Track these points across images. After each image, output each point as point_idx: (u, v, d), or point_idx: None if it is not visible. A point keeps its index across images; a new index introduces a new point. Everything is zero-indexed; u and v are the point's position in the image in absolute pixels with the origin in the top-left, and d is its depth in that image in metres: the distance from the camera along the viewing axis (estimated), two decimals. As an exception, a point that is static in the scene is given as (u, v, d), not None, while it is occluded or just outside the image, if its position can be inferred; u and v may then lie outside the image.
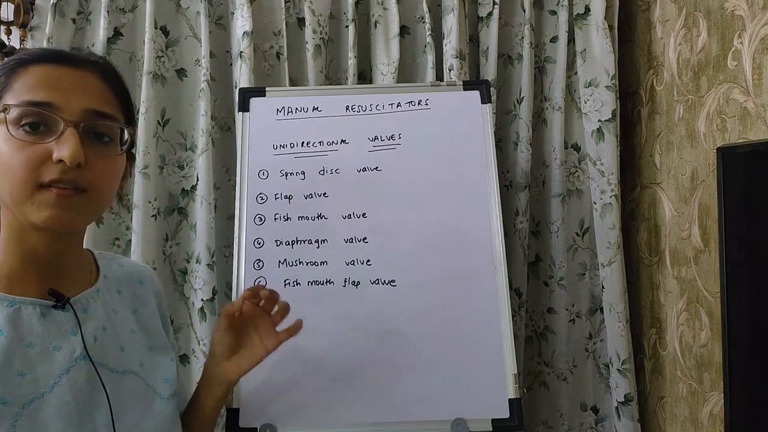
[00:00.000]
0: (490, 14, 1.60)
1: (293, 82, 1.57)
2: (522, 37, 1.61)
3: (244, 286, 1.23)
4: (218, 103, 1.57)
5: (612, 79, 1.55)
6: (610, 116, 1.55)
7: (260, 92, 1.39)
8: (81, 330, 0.71)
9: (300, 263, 1.26)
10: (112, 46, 1.50)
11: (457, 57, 1.53)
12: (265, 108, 1.37)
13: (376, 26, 1.58)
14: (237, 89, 1.48)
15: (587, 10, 1.59)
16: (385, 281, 1.25)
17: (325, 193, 1.30)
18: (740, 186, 0.99)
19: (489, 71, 1.59)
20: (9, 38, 1.55)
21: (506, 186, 1.63)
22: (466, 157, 1.34)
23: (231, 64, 1.57)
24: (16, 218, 0.68)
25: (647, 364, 1.59)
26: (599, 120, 1.57)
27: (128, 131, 0.73)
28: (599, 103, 1.57)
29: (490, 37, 1.60)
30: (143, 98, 1.47)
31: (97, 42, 1.49)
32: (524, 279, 1.61)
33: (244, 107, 1.37)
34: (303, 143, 1.34)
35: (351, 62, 1.55)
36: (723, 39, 1.27)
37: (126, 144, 0.73)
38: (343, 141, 1.35)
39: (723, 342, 1.00)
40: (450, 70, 1.54)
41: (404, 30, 1.61)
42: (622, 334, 1.54)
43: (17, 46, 1.51)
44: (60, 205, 0.66)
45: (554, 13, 1.65)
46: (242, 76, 1.48)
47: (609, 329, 1.57)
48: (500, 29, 1.61)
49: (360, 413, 1.17)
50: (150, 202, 1.47)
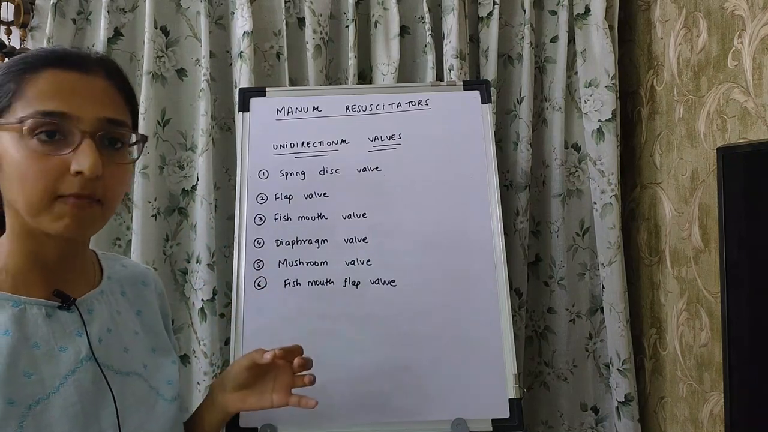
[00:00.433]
0: (491, 14, 1.60)
1: (293, 82, 1.57)
2: (522, 37, 1.61)
3: (245, 286, 1.23)
4: (218, 103, 1.57)
5: (612, 79, 1.55)
6: (611, 116, 1.55)
7: (260, 92, 1.39)
8: (86, 331, 0.71)
9: (300, 263, 1.26)
10: (112, 46, 1.50)
11: (458, 57, 1.53)
12: (265, 108, 1.37)
13: (377, 26, 1.58)
14: (237, 89, 1.48)
15: (587, 10, 1.59)
16: (385, 281, 1.25)
17: (325, 193, 1.30)
18: (740, 186, 0.99)
19: (489, 71, 1.59)
20: (9, 38, 1.55)
21: (506, 186, 1.63)
22: (466, 157, 1.34)
23: (231, 64, 1.57)
24: (25, 222, 0.68)
25: (647, 364, 1.59)
26: (599, 120, 1.57)
27: (137, 136, 0.73)
28: (599, 103, 1.57)
29: (491, 37, 1.60)
30: (143, 98, 1.47)
31: (98, 42, 1.49)
32: (524, 279, 1.61)
33: (244, 107, 1.37)
34: (303, 143, 1.34)
35: (351, 62, 1.55)
36: (723, 39, 1.27)
37: (137, 147, 0.73)
38: (343, 141, 1.35)
39: (723, 342, 1.00)
40: (450, 70, 1.54)
41: (404, 30, 1.61)
42: (623, 334, 1.54)
43: (17, 46, 1.51)
44: (76, 216, 0.66)
45: (554, 13, 1.65)
46: (242, 76, 1.48)
47: (609, 329, 1.57)
48: (500, 29, 1.61)
49: (360, 413, 1.17)
50: (150, 202, 1.47)
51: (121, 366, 0.74)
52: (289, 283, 1.24)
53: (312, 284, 1.24)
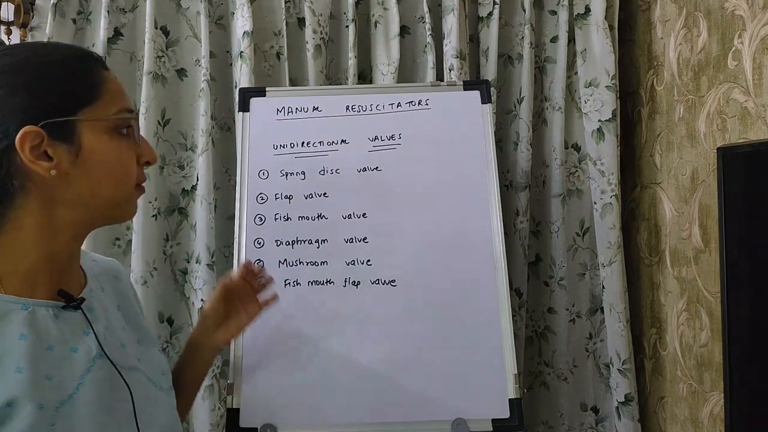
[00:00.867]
0: (491, 14, 1.60)
1: (293, 82, 1.57)
2: (522, 37, 1.61)
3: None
4: (218, 103, 1.57)
5: (612, 79, 1.55)
6: (611, 116, 1.55)
7: (260, 92, 1.39)
8: (93, 329, 0.71)
9: (300, 263, 1.26)
10: (113, 46, 1.50)
11: (458, 57, 1.53)
12: (266, 108, 1.37)
13: (377, 26, 1.58)
14: (237, 89, 1.48)
15: (587, 10, 1.59)
16: (385, 281, 1.25)
17: (325, 193, 1.30)
18: (740, 186, 0.99)
19: (489, 71, 1.59)
20: (9, 38, 1.55)
21: (506, 186, 1.63)
22: (466, 157, 1.34)
23: (231, 64, 1.57)
24: (52, 218, 0.67)
25: (647, 364, 1.59)
26: (599, 120, 1.57)
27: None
28: (599, 103, 1.57)
29: (491, 37, 1.60)
30: (143, 98, 1.47)
31: (98, 42, 1.49)
32: (524, 279, 1.61)
33: (245, 107, 1.37)
34: (303, 143, 1.34)
35: (351, 62, 1.55)
36: (723, 39, 1.27)
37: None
38: (344, 141, 1.35)
39: (723, 342, 1.00)
40: (450, 70, 1.54)
41: (404, 30, 1.61)
42: (623, 334, 1.54)
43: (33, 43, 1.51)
44: (137, 202, 0.77)
45: (554, 13, 1.64)
46: (242, 76, 1.48)
47: (609, 329, 1.57)
48: (500, 29, 1.61)
49: (360, 413, 1.17)
50: (150, 202, 1.47)
51: (124, 361, 0.74)
52: (289, 283, 1.24)
53: (312, 284, 1.25)
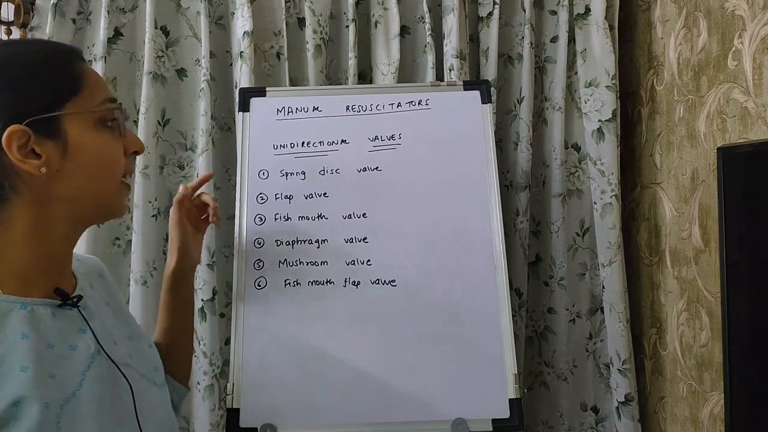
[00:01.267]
0: (491, 14, 1.60)
1: (293, 82, 1.57)
2: (522, 37, 1.61)
3: (245, 286, 1.23)
4: (218, 103, 1.57)
5: (612, 79, 1.55)
6: (611, 116, 1.55)
7: (260, 92, 1.39)
8: (90, 326, 0.71)
9: (300, 263, 1.26)
10: (112, 46, 1.50)
11: (458, 57, 1.53)
12: (266, 108, 1.37)
13: (377, 26, 1.58)
14: (237, 89, 1.48)
15: (587, 10, 1.59)
16: (385, 281, 1.25)
17: (326, 193, 1.30)
18: (740, 186, 0.99)
19: (489, 71, 1.59)
20: (9, 38, 1.55)
21: (506, 186, 1.63)
22: (466, 157, 1.34)
23: (231, 64, 1.57)
24: (45, 217, 0.67)
25: (647, 364, 1.59)
26: (599, 120, 1.57)
27: None
28: (599, 103, 1.57)
29: (491, 37, 1.59)
30: (143, 98, 1.47)
31: (97, 42, 1.49)
32: (524, 279, 1.61)
33: (245, 107, 1.37)
34: (303, 143, 1.34)
35: (351, 62, 1.55)
36: (723, 39, 1.27)
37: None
38: (344, 141, 1.35)
39: (723, 342, 1.00)
40: (450, 70, 1.54)
41: (404, 30, 1.61)
42: (623, 334, 1.54)
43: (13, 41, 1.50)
44: (128, 195, 0.75)
45: (554, 13, 1.64)
46: (242, 76, 1.48)
47: (609, 329, 1.57)
48: (500, 29, 1.61)
49: (360, 413, 1.17)
50: (150, 202, 1.47)
51: (119, 358, 0.75)
52: (289, 283, 1.24)
53: (312, 284, 1.24)
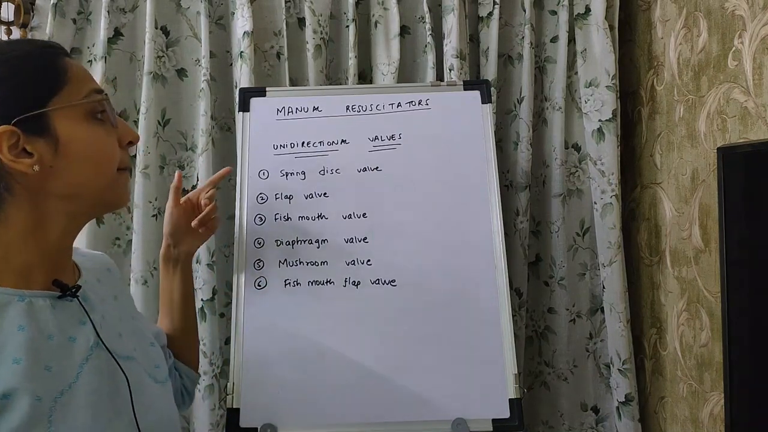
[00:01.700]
0: (491, 14, 1.60)
1: (293, 82, 1.57)
2: (522, 37, 1.61)
3: (245, 286, 1.24)
4: (218, 103, 1.57)
5: (612, 79, 1.55)
6: (611, 116, 1.55)
7: (260, 92, 1.39)
8: (90, 319, 0.72)
9: (300, 263, 1.26)
10: (113, 46, 1.50)
11: (458, 57, 1.53)
12: (266, 108, 1.37)
13: (377, 26, 1.58)
14: (237, 89, 1.48)
15: (587, 10, 1.59)
16: (385, 281, 1.25)
17: (326, 193, 1.30)
18: (740, 186, 0.99)
19: (489, 71, 1.59)
20: (9, 38, 1.55)
21: (506, 186, 1.63)
22: (466, 157, 1.34)
23: (231, 64, 1.57)
24: (42, 213, 0.68)
25: (648, 364, 1.59)
26: (600, 120, 1.56)
27: None
28: (600, 103, 1.57)
29: (491, 37, 1.59)
30: (143, 98, 1.47)
31: (98, 42, 1.49)
32: (524, 279, 1.61)
33: (245, 107, 1.37)
34: (303, 143, 1.34)
35: (351, 62, 1.55)
36: (723, 39, 1.27)
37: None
38: (344, 141, 1.35)
39: (723, 342, 1.00)
40: (450, 70, 1.54)
41: (404, 30, 1.61)
42: (623, 334, 1.54)
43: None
44: (128, 184, 0.76)
45: (554, 13, 1.64)
46: (242, 76, 1.48)
47: (609, 329, 1.57)
48: (500, 29, 1.61)
49: (360, 413, 1.17)
50: (150, 202, 1.47)
51: (121, 351, 0.75)
52: (289, 283, 1.24)
53: (312, 284, 1.25)
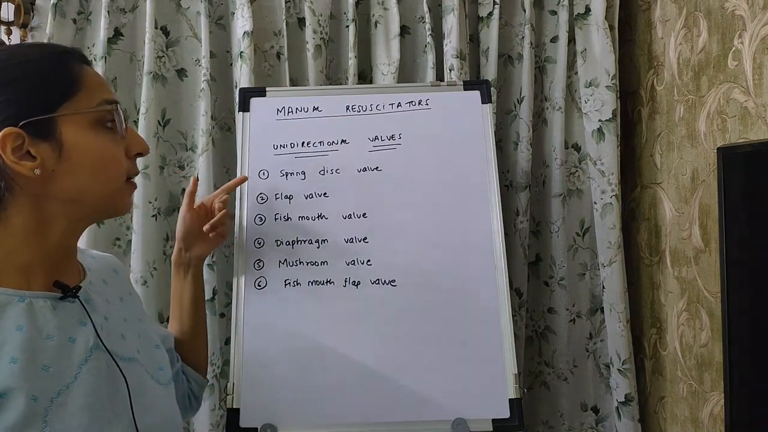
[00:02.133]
0: (491, 14, 1.60)
1: (293, 82, 1.57)
2: (522, 37, 1.61)
3: (245, 286, 1.24)
4: (218, 103, 1.57)
5: (612, 79, 1.55)
6: (611, 116, 1.55)
7: (260, 92, 1.39)
8: (91, 320, 0.72)
9: (300, 263, 1.26)
10: (113, 46, 1.50)
11: (458, 57, 1.53)
12: (266, 108, 1.37)
13: (377, 26, 1.58)
14: (237, 89, 1.48)
15: (587, 10, 1.59)
16: (385, 281, 1.25)
17: (326, 193, 1.30)
18: (740, 186, 0.99)
19: (489, 71, 1.59)
20: (9, 38, 1.55)
21: (506, 186, 1.63)
22: (466, 157, 1.34)
23: (231, 64, 1.57)
24: (43, 215, 0.68)
25: (648, 364, 1.59)
26: (600, 120, 1.56)
27: None
28: (599, 103, 1.57)
29: (491, 37, 1.59)
30: (143, 98, 1.47)
31: (98, 42, 1.49)
32: (524, 279, 1.61)
33: (245, 107, 1.37)
34: (303, 143, 1.34)
35: (351, 62, 1.55)
36: (723, 39, 1.27)
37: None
38: (344, 141, 1.35)
39: (723, 342, 1.00)
40: (450, 70, 1.54)
41: (404, 30, 1.61)
42: (623, 334, 1.54)
43: (14, 45, 1.51)
44: (132, 195, 0.77)
45: (554, 13, 1.64)
46: (242, 76, 1.48)
47: (609, 329, 1.57)
48: (500, 29, 1.61)
49: (360, 413, 1.17)
50: (150, 202, 1.47)
51: (123, 352, 0.75)
52: (289, 283, 1.24)
53: (312, 284, 1.24)
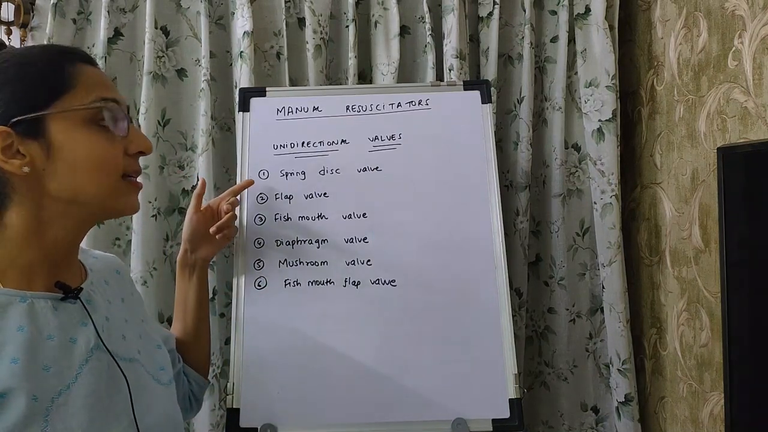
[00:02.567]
0: (491, 14, 1.60)
1: (293, 82, 1.57)
2: (522, 37, 1.61)
3: (245, 286, 1.24)
4: (218, 103, 1.57)
5: (612, 79, 1.55)
6: (611, 116, 1.55)
7: (260, 92, 1.39)
8: (92, 320, 0.72)
9: (300, 263, 1.26)
10: (113, 46, 1.50)
11: (458, 57, 1.53)
12: (266, 108, 1.37)
13: (377, 26, 1.58)
14: (237, 89, 1.48)
15: (587, 10, 1.59)
16: (385, 281, 1.25)
17: (326, 193, 1.30)
18: (740, 186, 0.99)
19: (489, 71, 1.59)
20: (9, 38, 1.55)
21: (506, 186, 1.63)
22: (466, 157, 1.34)
23: (231, 64, 1.57)
24: (41, 214, 0.68)
25: (647, 364, 1.59)
26: (599, 120, 1.57)
27: None
28: (599, 103, 1.57)
29: (491, 37, 1.59)
30: (143, 98, 1.47)
31: (98, 42, 1.49)
32: (524, 279, 1.61)
33: (245, 107, 1.37)
34: (303, 143, 1.34)
35: (351, 62, 1.55)
36: (723, 39, 1.27)
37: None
38: (344, 141, 1.35)
39: (723, 342, 1.00)
40: (450, 70, 1.54)
41: (404, 30, 1.61)
42: (623, 334, 1.54)
43: (17, 47, 1.51)
44: (136, 192, 0.76)
45: (554, 13, 1.64)
46: (242, 76, 1.48)
47: (609, 329, 1.57)
48: (500, 29, 1.61)
49: (360, 413, 1.17)
50: (150, 202, 1.47)
51: (124, 353, 0.75)
52: (289, 283, 1.24)
53: (312, 284, 1.24)
